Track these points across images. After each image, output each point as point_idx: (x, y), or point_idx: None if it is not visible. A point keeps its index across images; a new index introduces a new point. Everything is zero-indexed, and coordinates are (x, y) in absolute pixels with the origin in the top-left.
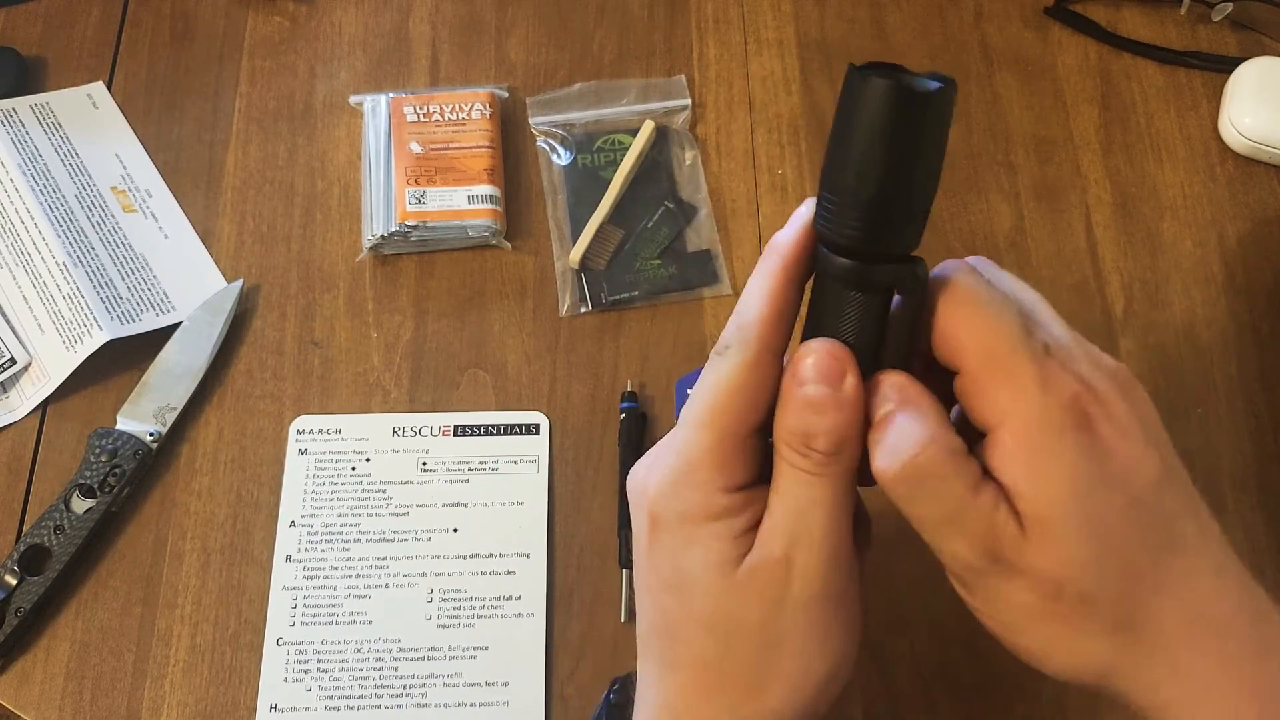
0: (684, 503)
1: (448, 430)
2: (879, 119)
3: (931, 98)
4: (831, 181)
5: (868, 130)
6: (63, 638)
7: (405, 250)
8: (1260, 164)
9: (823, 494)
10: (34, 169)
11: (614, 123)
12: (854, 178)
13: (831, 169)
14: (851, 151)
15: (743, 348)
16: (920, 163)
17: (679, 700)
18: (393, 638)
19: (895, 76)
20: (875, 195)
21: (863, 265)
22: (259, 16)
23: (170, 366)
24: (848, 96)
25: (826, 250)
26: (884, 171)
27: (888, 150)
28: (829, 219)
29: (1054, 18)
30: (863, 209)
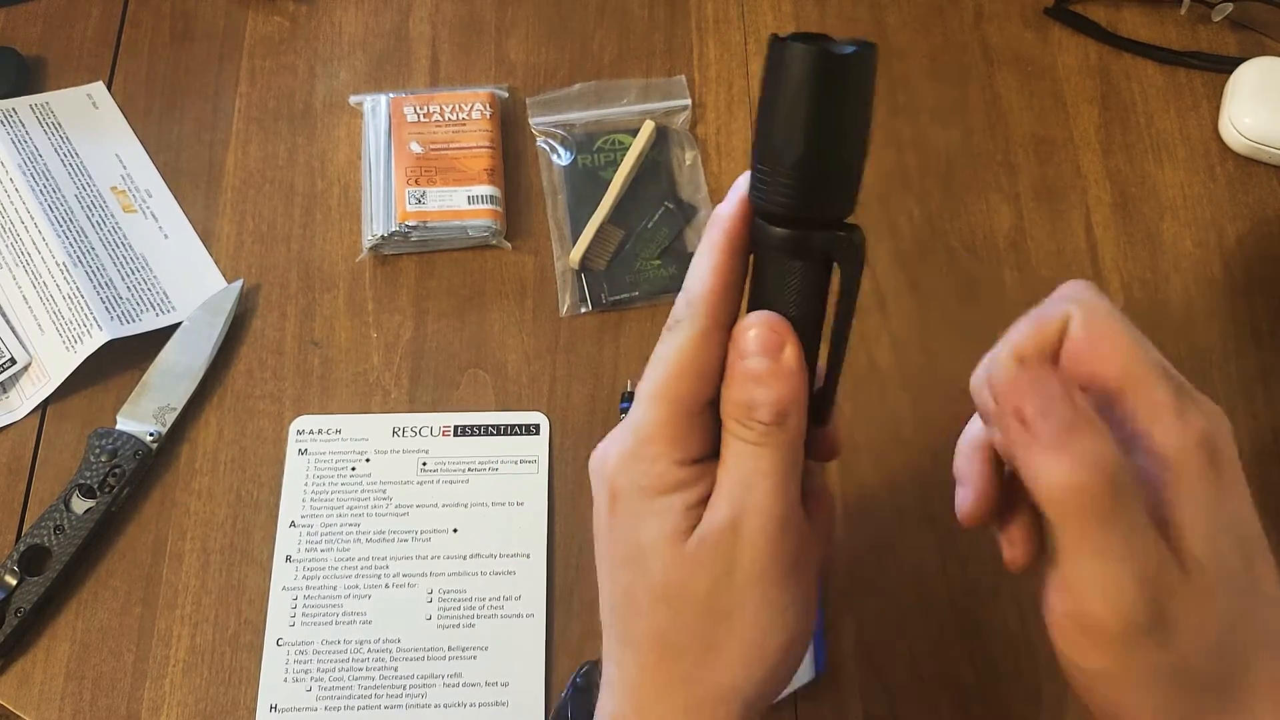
0: (640, 475)
1: (448, 430)
2: (800, 83)
3: (850, 60)
4: (761, 151)
5: (791, 95)
6: (63, 638)
7: (405, 250)
8: (1260, 164)
9: (768, 464)
10: (34, 169)
11: (614, 123)
12: (781, 143)
13: (760, 138)
14: (777, 118)
15: (691, 322)
16: (844, 125)
17: (637, 675)
18: (393, 638)
19: (815, 42)
20: (802, 158)
21: (797, 233)
22: (259, 16)
23: (170, 366)
24: (771, 65)
25: (763, 222)
26: (809, 135)
27: (811, 113)
28: (763, 190)
29: (1054, 18)
30: (791, 174)
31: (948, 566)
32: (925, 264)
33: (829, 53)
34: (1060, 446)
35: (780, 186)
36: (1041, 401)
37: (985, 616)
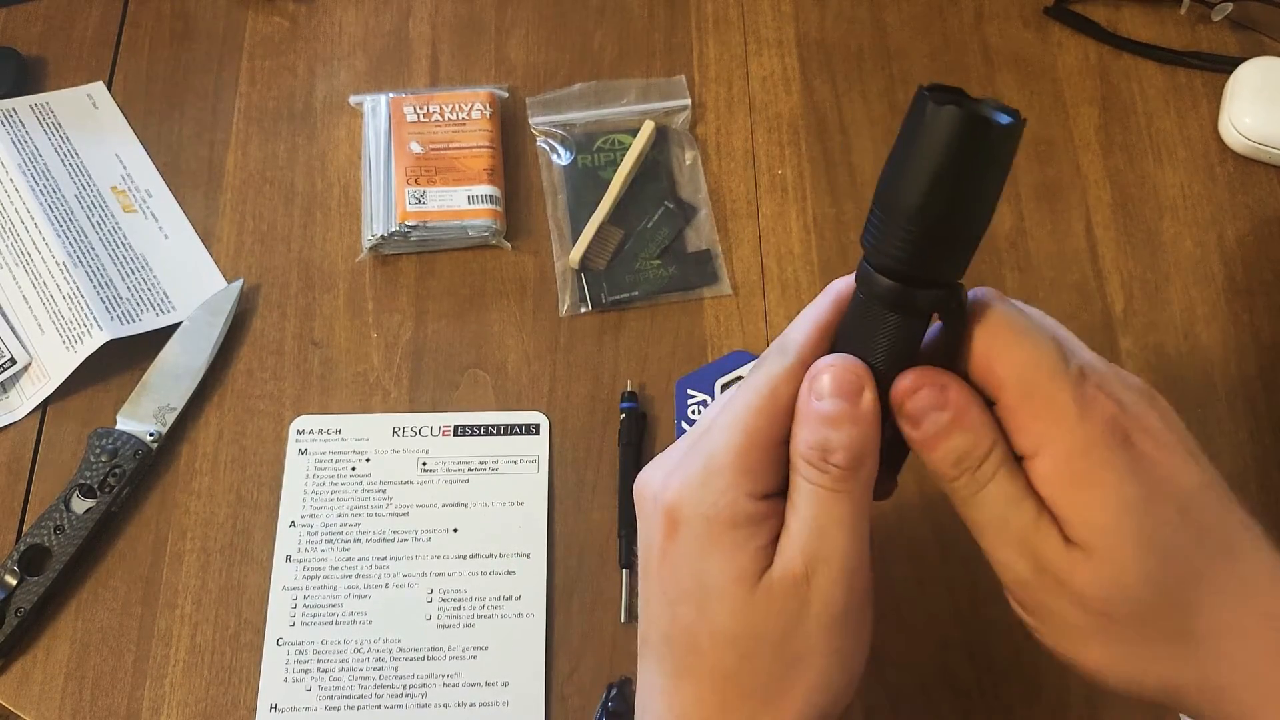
0: (708, 505)
1: (448, 430)
2: (947, 147)
3: (1003, 131)
4: (886, 200)
5: (934, 157)
6: (63, 638)
7: (405, 250)
8: (1260, 164)
9: (842, 511)
10: (34, 169)
11: (614, 123)
12: (912, 201)
13: (888, 188)
14: (913, 175)
15: (780, 357)
16: (981, 194)
17: (695, 710)
18: (393, 638)
19: (966, 105)
20: (931, 222)
21: (906, 288)
22: (259, 17)
23: (170, 367)
24: (916, 120)
25: (870, 267)
26: (944, 199)
27: (952, 179)
28: (878, 238)
29: (1054, 18)
30: (915, 232)
31: (947, 565)
32: None
33: (985, 122)
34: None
35: (898, 241)
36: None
37: (985, 616)
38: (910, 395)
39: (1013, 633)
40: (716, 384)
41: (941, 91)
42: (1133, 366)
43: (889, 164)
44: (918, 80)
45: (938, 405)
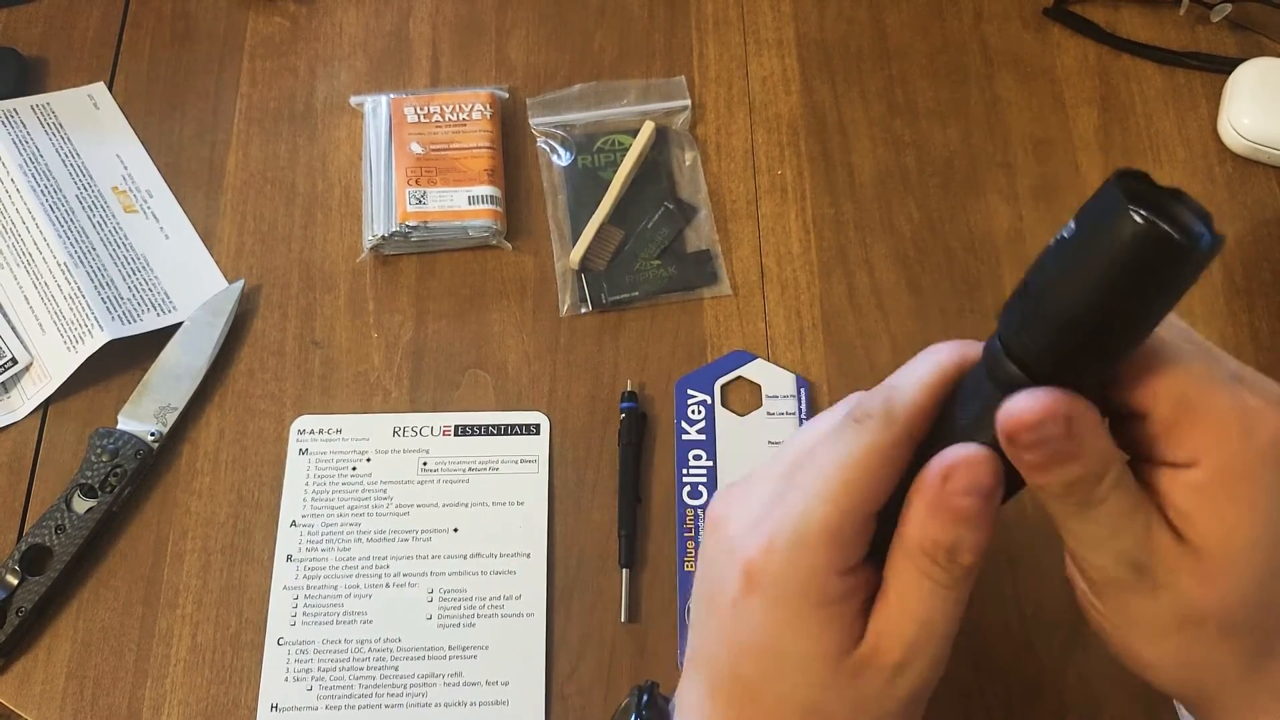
0: (797, 581)
1: (448, 430)
2: (1131, 265)
3: (1201, 257)
4: (1042, 293)
5: (1113, 270)
6: (64, 637)
7: (406, 251)
8: (1259, 165)
9: (950, 606)
10: (35, 169)
11: (614, 123)
12: (1073, 310)
13: (1048, 281)
14: (1082, 281)
15: (888, 426)
16: (1152, 313)
17: None
18: (393, 637)
19: (1163, 216)
20: (1089, 335)
21: (1031, 381)
22: (260, 17)
23: (171, 367)
24: (1100, 218)
25: (1001, 351)
26: (1111, 315)
27: (1127, 298)
28: (1019, 327)
29: (1053, 18)
30: (1068, 340)
31: None
32: (924, 264)
33: (1183, 247)
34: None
35: (1044, 340)
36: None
37: (985, 616)
38: (1031, 429)
39: (1013, 633)
40: (716, 384)
41: (1134, 182)
42: None
43: (1056, 251)
44: (917, 80)
45: (1060, 435)
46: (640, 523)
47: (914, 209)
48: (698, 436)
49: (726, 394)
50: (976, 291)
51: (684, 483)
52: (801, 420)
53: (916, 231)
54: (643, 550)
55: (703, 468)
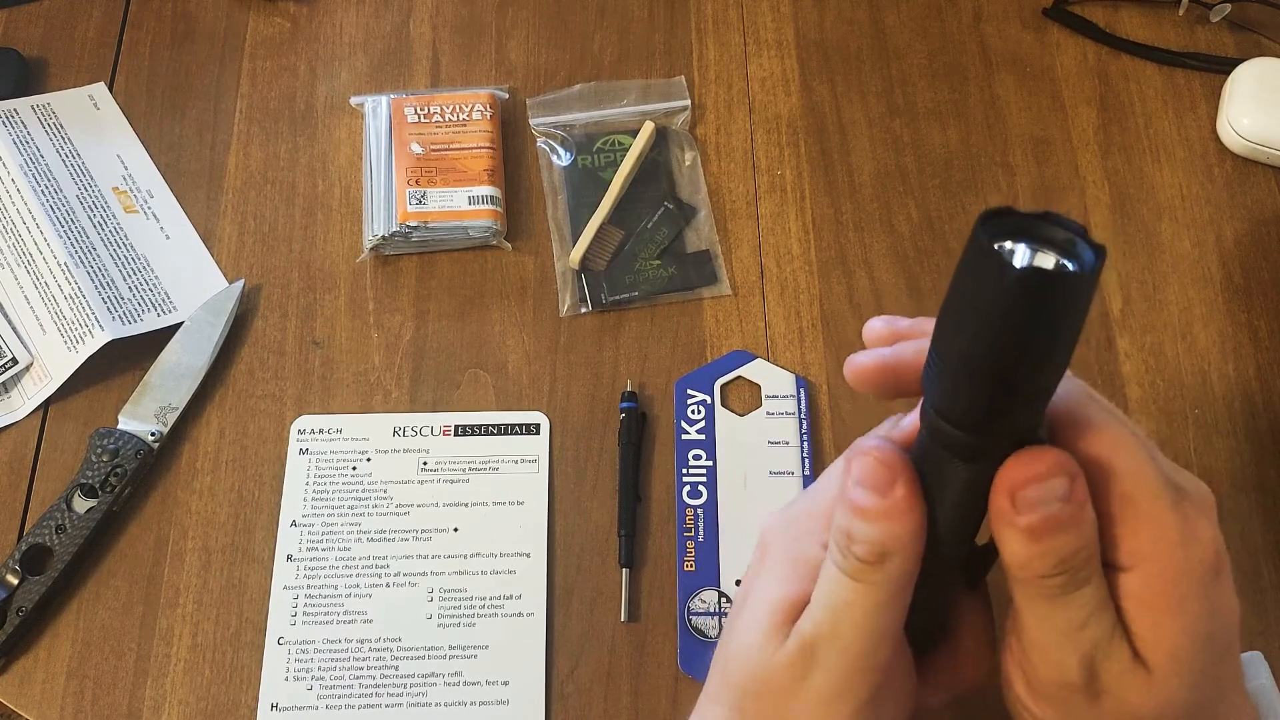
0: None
1: (448, 430)
2: (1008, 305)
3: (1076, 282)
4: (945, 350)
5: (992, 314)
6: (64, 637)
7: (406, 251)
8: (1258, 165)
9: (857, 599)
10: (35, 169)
11: (614, 124)
12: (972, 354)
13: (946, 335)
14: (966, 325)
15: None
16: (1053, 345)
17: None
18: (393, 637)
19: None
20: (998, 377)
21: (973, 440)
22: (260, 17)
23: (171, 367)
24: (972, 265)
25: (935, 416)
26: (1008, 356)
27: (1015, 337)
28: (941, 388)
29: (1052, 19)
30: (981, 387)
31: None
32: (924, 264)
33: (1052, 277)
34: (1037, 538)
35: (964, 394)
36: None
37: None
38: (1034, 483)
39: None
40: (716, 384)
41: (1003, 219)
42: (1130, 367)
43: (944, 306)
44: (917, 81)
45: (1063, 497)
46: (640, 522)
47: (913, 209)
48: (697, 436)
49: (726, 394)
50: None
51: (684, 482)
52: (802, 420)
53: (916, 232)
54: (643, 550)
55: (702, 467)
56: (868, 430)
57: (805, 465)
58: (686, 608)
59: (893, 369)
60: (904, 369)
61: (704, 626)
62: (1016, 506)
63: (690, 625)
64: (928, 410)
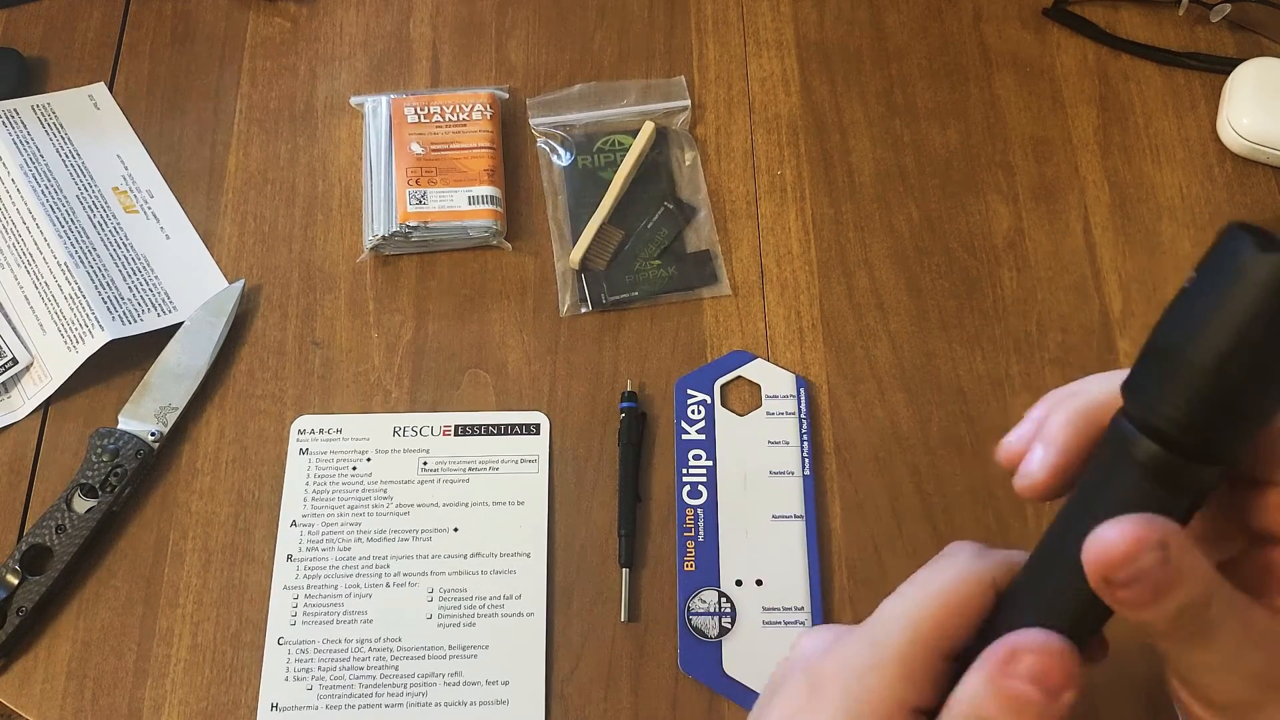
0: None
1: (448, 430)
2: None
3: None
4: (1172, 351)
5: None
6: (64, 637)
7: (406, 251)
8: (1258, 165)
9: None
10: (35, 169)
11: (614, 124)
12: (1210, 359)
13: (1177, 337)
14: (1218, 328)
15: (977, 556)
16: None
17: None
18: (393, 637)
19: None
20: (1230, 387)
21: (1182, 460)
22: (260, 18)
23: (171, 367)
24: (1224, 265)
25: (1131, 427)
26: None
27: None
28: (1156, 391)
29: (1052, 19)
30: (1212, 396)
31: None
32: (924, 264)
33: None
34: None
35: (1187, 401)
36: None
37: None
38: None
39: None
40: (716, 384)
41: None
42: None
43: (1178, 306)
44: (917, 81)
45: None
46: (640, 522)
47: (913, 209)
48: (697, 436)
49: (726, 394)
50: (976, 292)
51: (684, 482)
52: (802, 420)
53: (916, 232)
54: (643, 550)
55: (702, 467)
56: (868, 430)
57: (805, 465)
58: (686, 608)
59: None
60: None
61: (704, 626)
62: (1110, 585)
63: (690, 625)
64: (1123, 423)
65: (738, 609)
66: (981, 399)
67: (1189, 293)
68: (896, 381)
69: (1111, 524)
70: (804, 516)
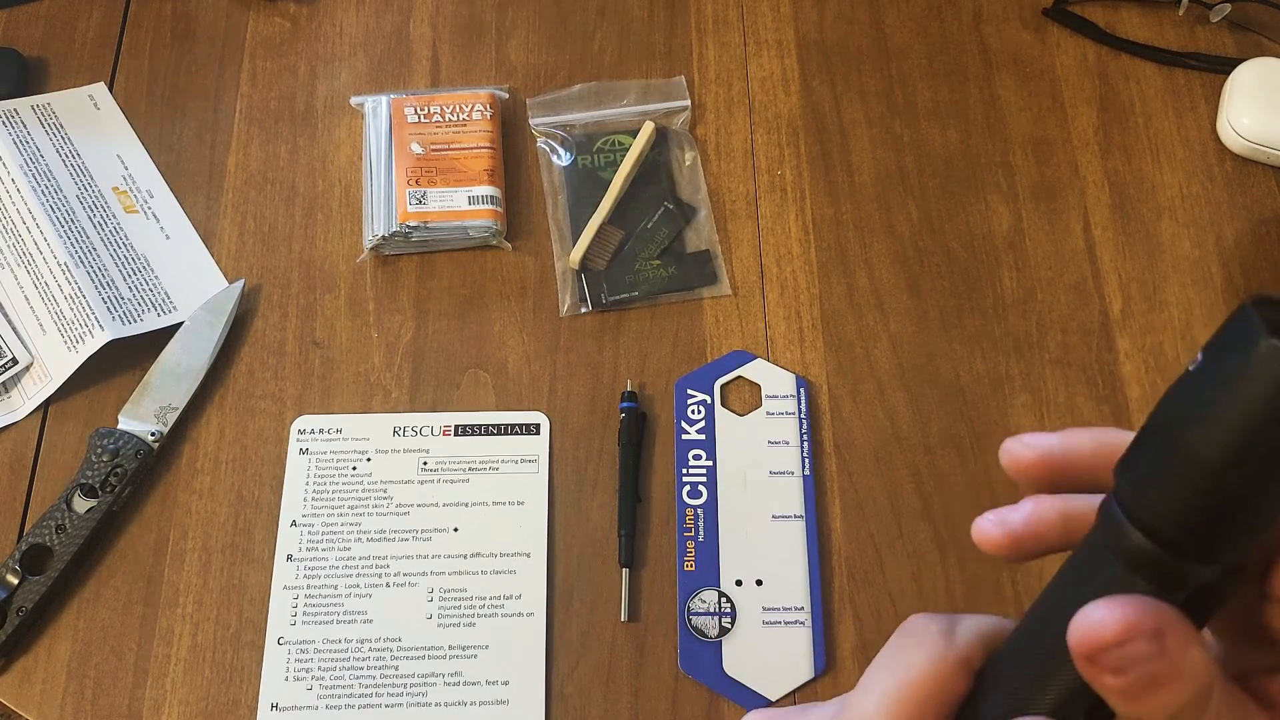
0: None
1: (448, 430)
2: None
3: None
4: (1172, 440)
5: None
6: (64, 637)
7: (406, 251)
8: (1258, 165)
9: None
10: (36, 169)
11: (614, 123)
12: (1215, 455)
13: (1178, 426)
14: (1224, 422)
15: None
16: None
17: None
18: (393, 636)
19: None
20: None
21: (1172, 558)
22: (260, 18)
23: (171, 367)
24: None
25: (1122, 517)
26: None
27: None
28: (1147, 479)
29: (1052, 19)
30: (1207, 492)
31: (946, 564)
32: (923, 264)
33: None
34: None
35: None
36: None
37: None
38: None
39: None
40: (716, 384)
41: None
42: (1130, 367)
43: (1182, 388)
44: (916, 81)
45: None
46: (640, 522)
47: (913, 209)
48: (697, 436)
49: (726, 394)
50: (976, 292)
51: (684, 482)
52: (802, 420)
53: (916, 232)
54: (643, 550)
55: (702, 467)
56: (868, 430)
57: (805, 465)
58: (686, 607)
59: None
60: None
61: (704, 626)
62: (1097, 667)
63: (690, 625)
64: (1113, 508)
65: (738, 609)
66: (981, 399)
67: (1193, 376)
68: (896, 381)
69: (1104, 602)
70: (804, 516)
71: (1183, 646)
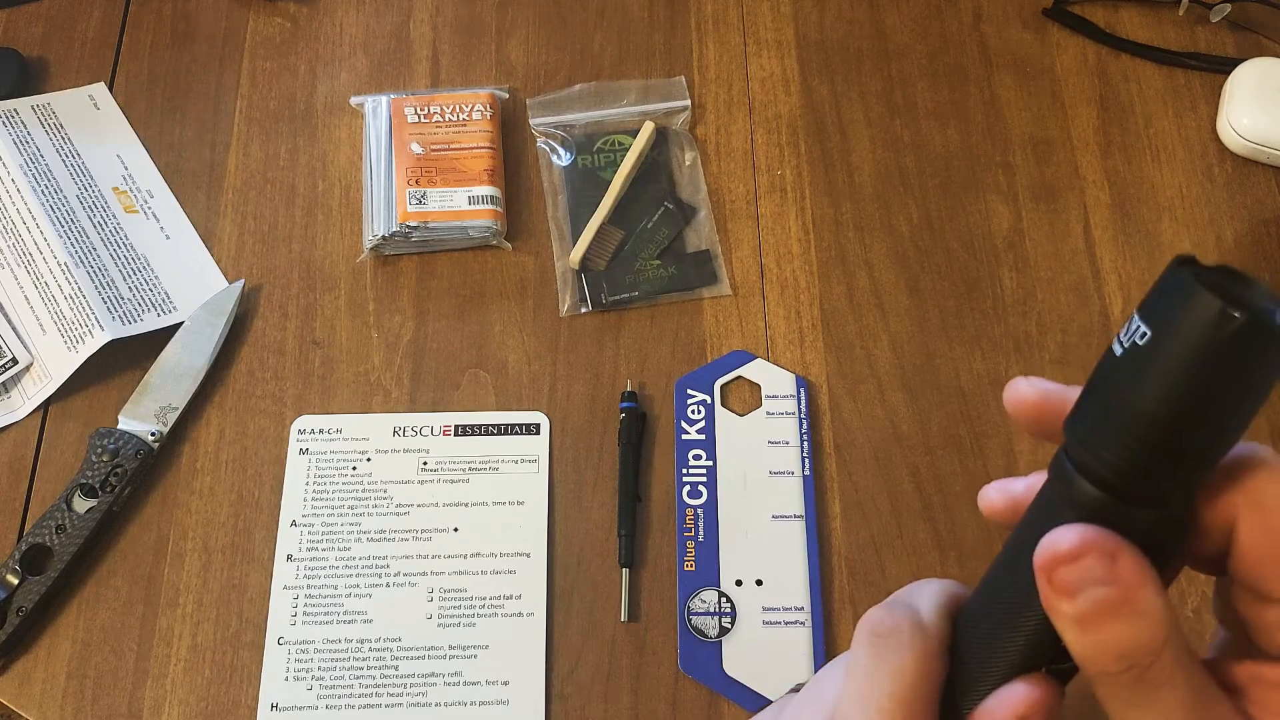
0: None
1: (448, 430)
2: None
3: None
4: (1112, 393)
5: (1191, 362)
6: (64, 637)
7: (406, 251)
8: (1258, 165)
9: None
10: (35, 169)
11: (614, 123)
12: (1150, 407)
13: (1118, 379)
14: (1156, 376)
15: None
16: (1241, 409)
17: None
18: (393, 637)
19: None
20: (1170, 434)
21: (1118, 503)
22: (260, 18)
23: (172, 367)
24: (1169, 307)
25: (1073, 469)
26: (1193, 411)
27: (1209, 390)
28: (1092, 433)
29: (1052, 19)
30: (1149, 442)
31: (946, 564)
32: (924, 264)
33: (1266, 328)
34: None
35: (1125, 445)
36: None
37: None
38: (1066, 563)
39: None
40: (716, 384)
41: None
42: None
43: (1126, 348)
44: (917, 81)
45: (1103, 579)
46: (640, 522)
47: (913, 209)
48: (697, 436)
49: (726, 394)
50: (976, 292)
51: (684, 482)
52: (802, 420)
53: (916, 232)
54: (643, 550)
55: (702, 467)
56: (868, 430)
57: (805, 465)
58: (686, 607)
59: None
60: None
61: (704, 626)
62: (1054, 586)
63: (690, 625)
64: (1064, 461)
65: (738, 609)
66: (981, 399)
67: (1130, 333)
68: (896, 381)
69: (1066, 526)
70: (804, 516)
71: (1136, 577)
